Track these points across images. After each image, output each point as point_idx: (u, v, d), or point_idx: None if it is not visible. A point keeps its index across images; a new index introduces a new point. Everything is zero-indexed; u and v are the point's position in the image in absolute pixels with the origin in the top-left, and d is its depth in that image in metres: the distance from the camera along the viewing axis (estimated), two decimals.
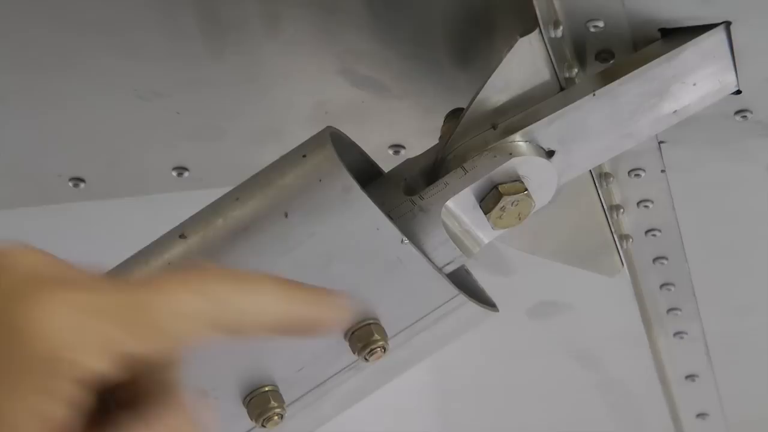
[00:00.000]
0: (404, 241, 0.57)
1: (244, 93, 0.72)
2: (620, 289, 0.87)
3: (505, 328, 0.94)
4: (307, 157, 0.57)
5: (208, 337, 0.40)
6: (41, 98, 0.72)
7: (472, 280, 0.63)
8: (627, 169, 0.74)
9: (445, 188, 0.59)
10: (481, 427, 1.14)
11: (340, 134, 0.60)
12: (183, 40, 0.68)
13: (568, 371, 1.03)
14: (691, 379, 0.98)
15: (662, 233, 0.80)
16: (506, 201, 0.59)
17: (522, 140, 0.60)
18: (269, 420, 0.59)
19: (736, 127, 0.69)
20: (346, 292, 0.48)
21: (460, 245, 0.60)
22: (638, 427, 1.11)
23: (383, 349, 0.59)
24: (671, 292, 0.86)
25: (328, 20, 0.67)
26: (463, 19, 0.66)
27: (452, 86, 0.70)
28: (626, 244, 0.79)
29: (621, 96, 0.61)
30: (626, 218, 0.78)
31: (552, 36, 0.60)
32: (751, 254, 0.86)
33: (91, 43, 0.68)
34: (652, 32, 0.61)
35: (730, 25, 0.60)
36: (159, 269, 0.57)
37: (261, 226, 0.57)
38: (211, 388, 0.59)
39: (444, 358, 0.75)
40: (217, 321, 0.40)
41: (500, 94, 0.61)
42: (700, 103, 0.63)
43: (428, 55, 0.69)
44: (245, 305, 0.41)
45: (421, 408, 1.11)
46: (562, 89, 0.63)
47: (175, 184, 0.77)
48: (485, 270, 0.86)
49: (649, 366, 0.98)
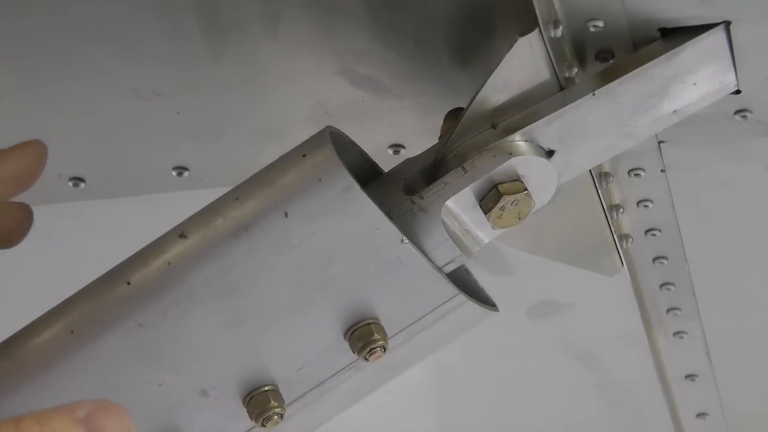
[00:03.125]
0: (404, 241, 0.57)
1: (244, 93, 0.72)
2: (620, 289, 0.87)
3: (505, 328, 0.94)
4: (307, 156, 0.57)
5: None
6: (41, 98, 0.72)
7: (472, 280, 0.63)
8: (627, 168, 0.74)
9: (444, 188, 0.59)
10: (480, 426, 1.14)
11: (339, 134, 0.60)
12: (183, 40, 0.68)
13: (568, 371, 1.03)
14: (690, 379, 0.98)
15: (662, 233, 0.80)
16: (506, 200, 0.59)
17: (522, 140, 0.60)
18: (269, 419, 0.59)
19: (736, 126, 0.69)
20: None
21: (459, 245, 0.60)
22: (638, 426, 1.11)
23: (383, 349, 0.59)
24: (671, 292, 0.86)
25: (328, 20, 0.67)
26: (462, 19, 0.66)
27: (452, 86, 0.70)
28: (626, 244, 0.79)
29: (621, 95, 0.61)
30: (626, 218, 0.78)
31: (552, 36, 0.60)
32: (752, 254, 0.86)
33: (91, 43, 0.68)
34: (652, 32, 0.61)
35: (729, 24, 0.60)
36: (158, 268, 0.57)
37: (261, 225, 0.57)
38: (210, 388, 0.59)
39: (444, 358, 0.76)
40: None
41: (500, 94, 0.61)
42: (699, 102, 0.63)
43: (428, 55, 0.69)
44: None
45: (421, 408, 1.11)
46: (561, 89, 0.63)
47: (175, 184, 0.77)
48: (485, 269, 0.86)
49: (649, 365, 0.98)
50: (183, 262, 0.57)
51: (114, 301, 0.57)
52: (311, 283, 0.58)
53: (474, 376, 1.05)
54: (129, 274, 0.57)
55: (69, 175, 0.77)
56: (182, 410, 0.59)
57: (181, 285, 0.57)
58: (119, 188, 0.78)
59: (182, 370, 0.58)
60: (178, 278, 0.57)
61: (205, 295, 0.57)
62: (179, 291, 0.57)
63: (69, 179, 0.77)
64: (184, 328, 0.57)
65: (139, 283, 0.57)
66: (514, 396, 1.09)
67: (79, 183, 0.77)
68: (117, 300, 0.57)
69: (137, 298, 0.57)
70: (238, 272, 0.57)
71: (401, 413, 1.09)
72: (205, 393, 0.59)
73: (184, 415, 0.60)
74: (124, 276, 0.58)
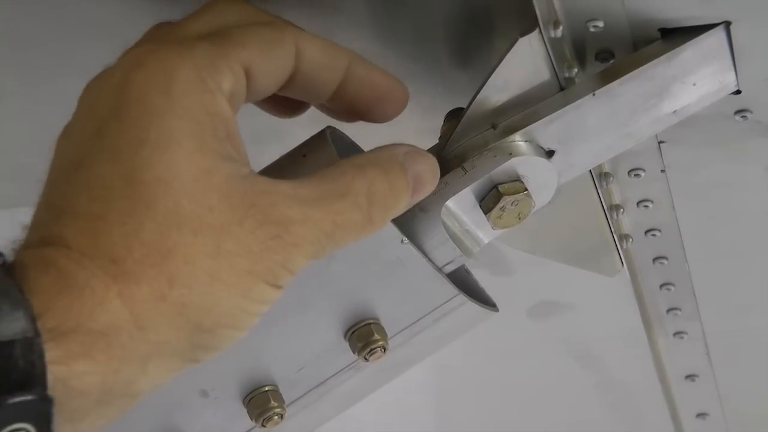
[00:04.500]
0: (404, 241, 0.57)
1: None
2: (620, 289, 0.87)
3: (505, 328, 0.94)
4: (308, 156, 0.57)
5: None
6: (41, 98, 0.72)
7: (473, 280, 0.63)
8: (627, 168, 0.74)
9: (444, 188, 0.59)
10: (480, 427, 1.14)
11: (340, 134, 0.60)
12: None
13: (568, 371, 1.03)
14: (690, 379, 0.98)
15: (662, 233, 0.80)
16: (506, 201, 0.59)
17: (522, 140, 0.60)
18: (269, 420, 0.59)
19: (736, 127, 0.69)
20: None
21: (459, 245, 0.60)
22: (638, 426, 1.11)
23: (383, 349, 0.59)
24: (671, 292, 0.86)
25: (328, 20, 0.67)
26: (462, 19, 0.66)
27: (452, 86, 0.70)
28: (626, 244, 0.79)
29: (621, 96, 0.61)
30: (626, 218, 0.78)
31: (552, 36, 0.60)
32: (752, 254, 0.86)
33: (92, 42, 0.68)
34: (652, 32, 0.61)
35: (730, 24, 0.60)
36: None
37: None
38: (210, 388, 0.59)
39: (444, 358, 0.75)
40: None
41: (500, 94, 0.61)
42: (700, 102, 0.63)
43: (428, 55, 0.69)
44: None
45: (421, 408, 1.11)
46: (561, 89, 0.63)
47: None
48: (485, 270, 0.86)
49: (649, 366, 0.98)
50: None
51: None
52: (311, 284, 0.58)
53: (474, 376, 1.05)
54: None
55: None
56: (182, 410, 0.59)
57: None
58: None
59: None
60: None
61: None
62: None
63: None
64: None
65: None
66: (514, 396, 1.09)
67: None
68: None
69: None
70: None
71: (401, 413, 1.09)
72: (205, 393, 0.59)
73: (184, 415, 0.60)
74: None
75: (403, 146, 0.54)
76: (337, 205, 0.50)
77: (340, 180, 0.51)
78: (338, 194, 0.50)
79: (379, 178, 0.52)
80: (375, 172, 0.52)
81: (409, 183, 0.53)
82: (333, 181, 0.50)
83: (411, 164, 0.54)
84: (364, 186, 0.51)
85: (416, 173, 0.54)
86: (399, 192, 0.53)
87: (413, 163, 0.54)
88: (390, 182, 0.52)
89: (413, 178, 0.54)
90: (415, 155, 0.54)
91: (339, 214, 0.50)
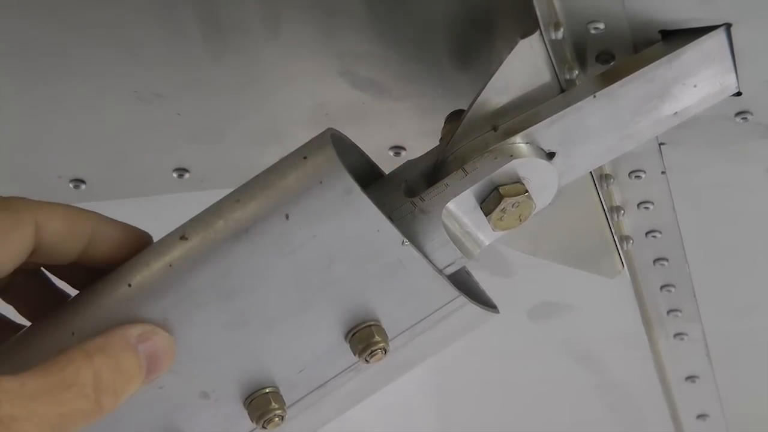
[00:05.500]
0: (405, 243, 0.57)
1: (245, 94, 0.72)
2: (621, 291, 0.87)
3: (506, 329, 0.94)
4: (308, 158, 0.57)
5: None
6: (41, 99, 0.72)
7: (473, 282, 0.63)
8: (627, 170, 0.74)
9: (445, 190, 0.59)
10: (480, 427, 1.14)
11: (340, 136, 0.60)
12: (183, 41, 0.68)
13: (569, 372, 1.03)
14: (691, 381, 0.98)
15: (663, 235, 0.80)
16: (507, 203, 0.59)
17: (522, 142, 0.60)
18: (270, 421, 0.59)
19: (737, 128, 0.69)
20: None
21: (460, 247, 0.60)
22: (638, 427, 1.11)
23: (384, 351, 0.59)
24: (671, 294, 0.86)
25: (329, 22, 0.67)
26: (463, 21, 0.66)
27: (453, 88, 0.70)
28: (627, 246, 0.79)
29: (621, 98, 0.61)
30: (627, 219, 0.78)
31: (552, 38, 0.60)
32: (752, 255, 0.86)
33: (92, 45, 0.68)
34: (653, 34, 0.61)
35: (730, 26, 0.60)
36: (159, 270, 0.57)
37: (262, 227, 0.57)
38: (211, 390, 0.59)
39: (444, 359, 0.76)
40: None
41: (501, 96, 0.61)
42: (700, 104, 0.63)
43: (429, 57, 0.69)
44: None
45: (421, 408, 1.11)
46: (562, 91, 0.63)
47: (176, 186, 0.77)
48: (486, 271, 0.86)
49: (650, 367, 0.98)
50: (184, 264, 0.57)
51: (115, 303, 0.57)
52: (312, 285, 0.58)
53: (474, 377, 1.05)
54: (130, 276, 0.57)
55: (69, 177, 0.77)
56: (183, 412, 0.59)
57: (182, 287, 0.57)
58: (120, 190, 0.78)
59: (183, 372, 0.58)
60: (179, 280, 0.57)
61: (206, 297, 0.57)
62: (180, 293, 0.57)
63: (69, 181, 0.77)
64: (185, 329, 0.57)
65: (140, 285, 0.57)
66: (515, 397, 1.09)
67: (80, 184, 0.77)
68: (118, 302, 0.57)
69: (138, 300, 0.57)
70: (239, 274, 0.57)
71: (402, 415, 1.09)
72: (205, 395, 0.59)
73: (185, 416, 0.60)
74: (125, 278, 0.58)
75: (137, 327, 0.56)
76: (63, 396, 0.51)
77: (67, 369, 0.52)
78: (65, 385, 0.51)
79: (107, 364, 0.53)
80: (102, 359, 0.53)
81: (141, 365, 0.55)
82: (60, 372, 0.52)
83: (144, 345, 0.55)
84: (90, 375, 0.52)
85: (150, 353, 0.56)
86: (130, 375, 0.54)
87: (148, 344, 0.56)
88: (119, 367, 0.54)
89: (147, 358, 0.55)
90: (150, 335, 0.56)
91: (65, 405, 0.51)
